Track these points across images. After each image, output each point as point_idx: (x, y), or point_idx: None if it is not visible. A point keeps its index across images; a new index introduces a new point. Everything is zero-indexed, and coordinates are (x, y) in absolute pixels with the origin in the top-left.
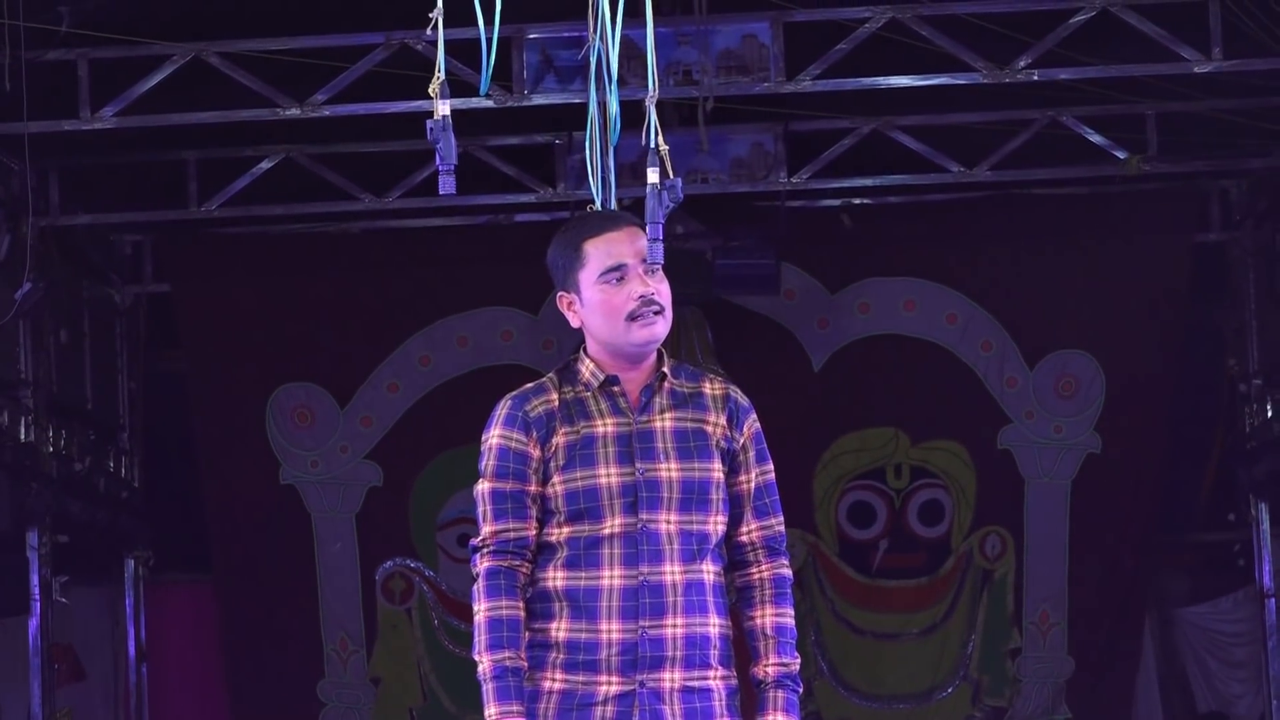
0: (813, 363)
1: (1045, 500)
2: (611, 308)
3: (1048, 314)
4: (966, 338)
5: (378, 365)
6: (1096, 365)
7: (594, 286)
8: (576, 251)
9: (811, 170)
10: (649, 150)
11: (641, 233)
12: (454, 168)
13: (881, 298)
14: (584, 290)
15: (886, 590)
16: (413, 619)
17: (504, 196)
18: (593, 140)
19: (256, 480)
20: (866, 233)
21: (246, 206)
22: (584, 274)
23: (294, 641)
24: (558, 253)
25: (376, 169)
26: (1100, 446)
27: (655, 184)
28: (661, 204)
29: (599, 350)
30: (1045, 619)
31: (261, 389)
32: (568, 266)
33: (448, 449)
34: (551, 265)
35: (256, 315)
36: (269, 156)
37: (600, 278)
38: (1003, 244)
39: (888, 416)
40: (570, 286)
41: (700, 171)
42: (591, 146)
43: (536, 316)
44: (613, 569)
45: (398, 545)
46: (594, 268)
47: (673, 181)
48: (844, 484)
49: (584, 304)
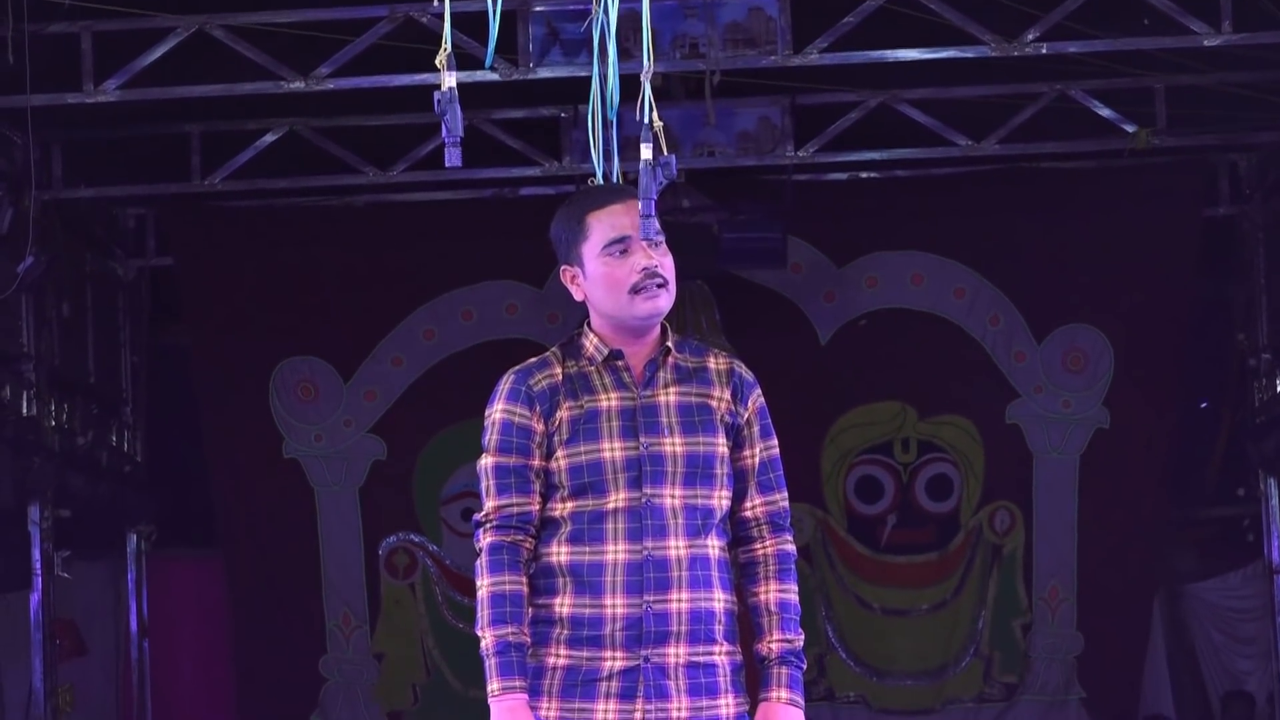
0: (819, 336)
1: (1054, 475)
2: (614, 280)
3: (1056, 288)
4: (974, 312)
5: (382, 339)
6: (1105, 339)
7: (597, 259)
8: (579, 224)
9: (818, 144)
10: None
11: None
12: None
13: (889, 271)
14: (587, 263)
15: (895, 566)
16: (416, 594)
17: (509, 170)
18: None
19: (259, 454)
20: (874, 206)
21: (250, 180)
22: (587, 247)
23: (297, 617)
24: (561, 226)
25: (381, 142)
26: (1109, 421)
27: (649, 160)
28: (655, 180)
29: (602, 324)
30: (1054, 595)
31: (265, 363)
32: (571, 240)
33: (452, 423)
34: (555, 239)
35: (260, 289)
36: (273, 130)
37: (603, 250)
38: (1011, 218)
39: (895, 391)
40: (573, 260)
41: (707, 145)
42: (594, 120)
43: (541, 290)
44: (617, 544)
45: (401, 520)
46: (597, 240)
47: (666, 158)
48: (852, 458)
49: (587, 277)
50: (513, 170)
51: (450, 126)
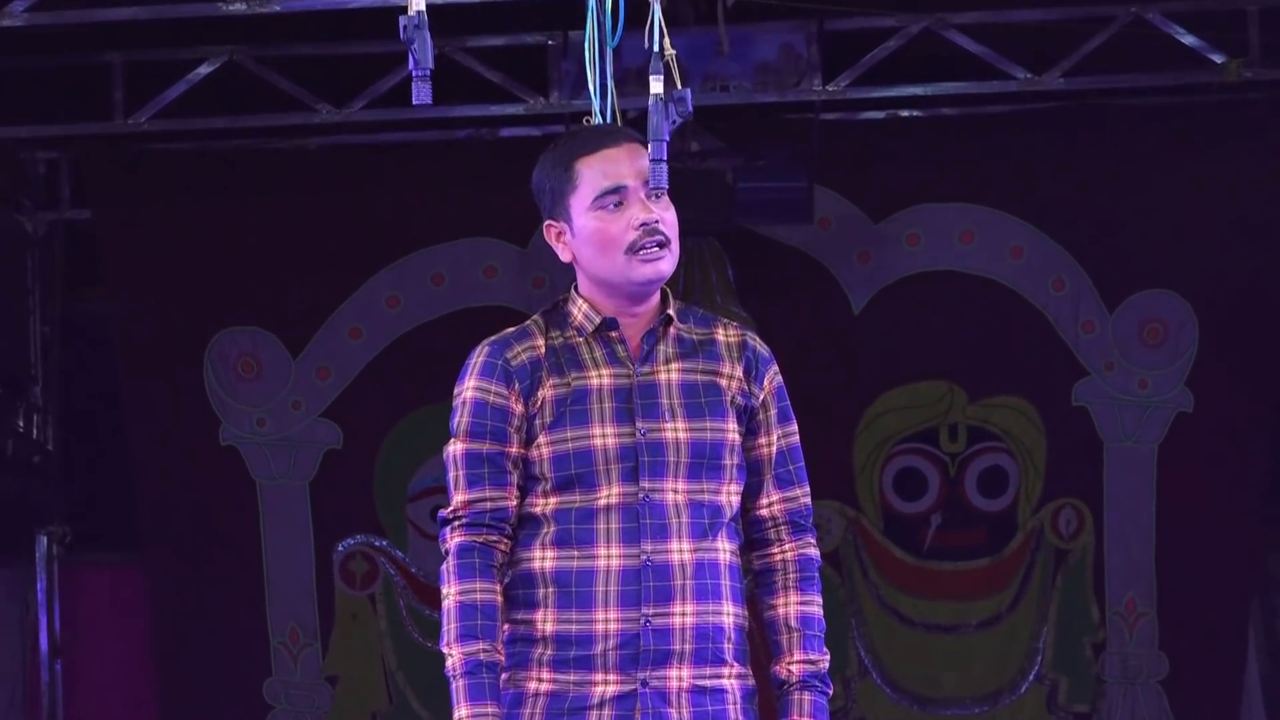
0: (852, 304)
1: (1128, 467)
2: (607, 237)
3: (1131, 247)
4: (1034, 274)
5: (337, 306)
6: (1189, 308)
7: (588, 213)
8: (567, 172)
9: (851, 77)
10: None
11: (644, 151)
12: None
13: (933, 227)
14: (576, 217)
15: (941, 574)
16: (376, 607)
17: (487, 107)
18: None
19: (193, 442)
20: (916, 151)
21: (182, 119)
22: (575, 198)
23: (236, 634)
24: (545, 174)
25: (336, 75)
26: (1193, 404)
27: (659, 95)
28: (667, 118)
29: (593, 289)
30: (1132, 608)
31: (199, 334)
32: (557, 190)
33: (420, 406)
34: (538, 189)
35: (194, 247)
36: (209, 59)
37: (595, 202)
38: (1077, 164)
39: (941, 368)
40: (559, 214)
41: (719, 78)
42: (590, 48)
43: (525, 249)
44: (609, 547)
45: (360, 520)
46: (588, 191)
47: (681, 92)
48: (889, 448)
49: (575, 234)
50: (491, 108)
51: (418, 56)
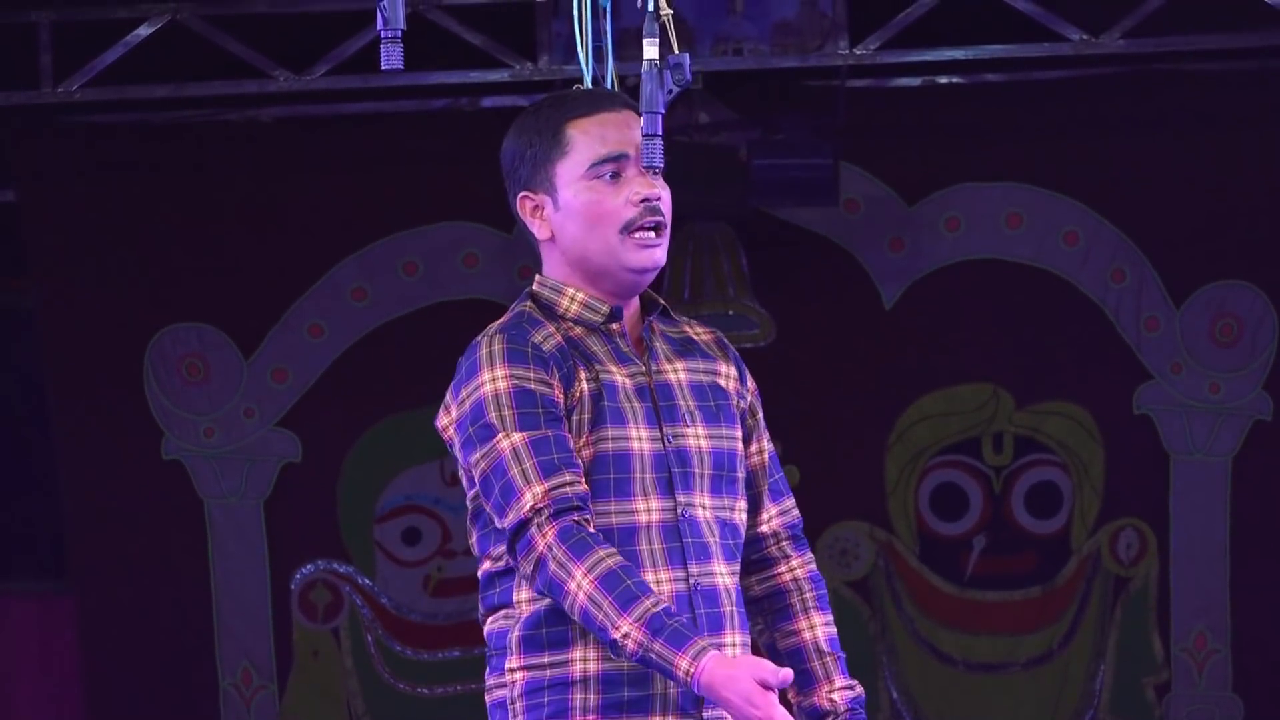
0: (884, 298)
1: (1198, 483)
2: (601, 212)
3: (1201, 233)
4: (1091, 264)
5: (295, 300)
6: (1267, 301)
7: (579, 182)
8: (555, 135)
9: (882, 38)
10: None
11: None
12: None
13: (976, 210)
14: (562, 188)
15: (984, 605)
16: (341, 642)
17: (467, 74)
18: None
19: (130, 455)
20: (956, 123)
21: (119, 87)
22: (564, 166)
23: (180, 675)
24: (526, 137)
25: (295, 37)
26: (1272, 411)
27: (654, 60)
28: (663, 87)
29: (570, 274)
30: (1201, 644)
31: (138, 331)
32: (540, 156)
33: (389, 414)
34: (512, 156)
35: (131, 233)
36: (150, 19)
37: (590, 170)
38: (1140, 138)
39: (984, 370)
40: (539, 184)
41: (732, 40)
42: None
43: (510, 236)
44: (657, 571)
45: (321, 543)
46: (580, 158)
47: (678, 57)
48: (926, 461)
49: (559, 207)
50: (472, 74)
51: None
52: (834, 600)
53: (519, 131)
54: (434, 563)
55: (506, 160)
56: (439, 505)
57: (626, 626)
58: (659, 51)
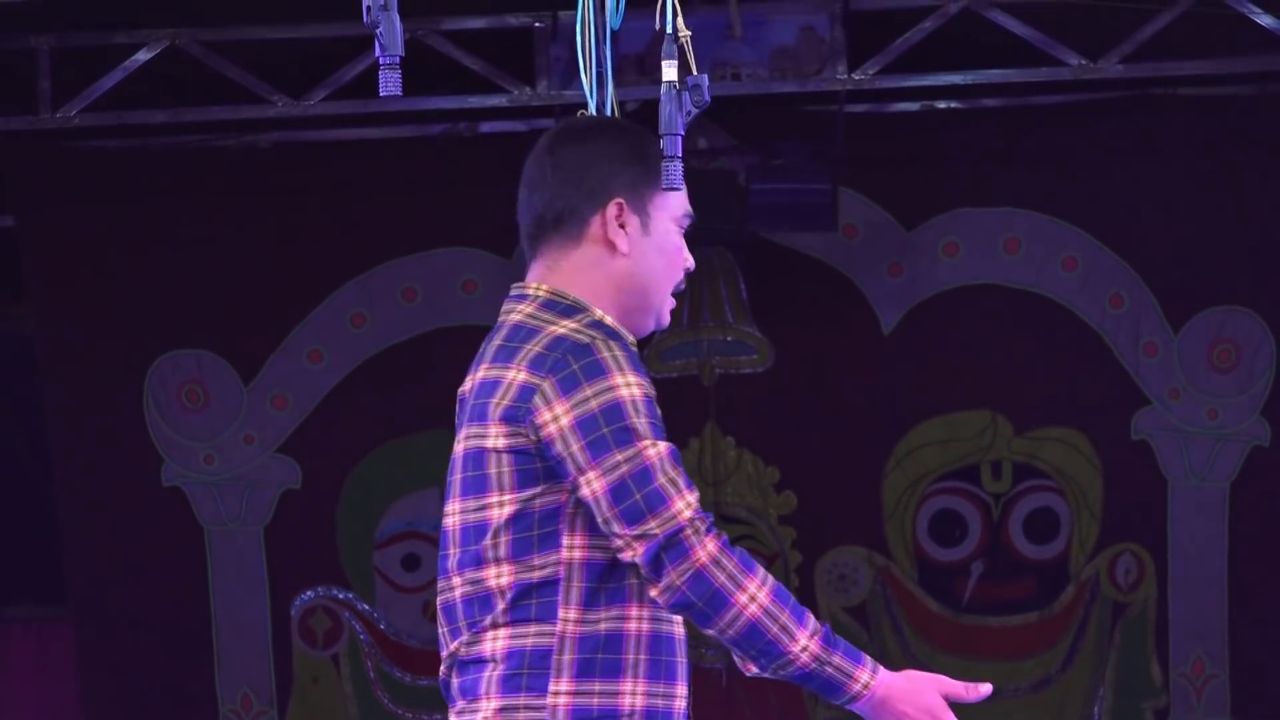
0: (882, 324)
1: (1196, 509)
2: (676, 262)
3: (1200, 258)
4: (1089, 289)
5: (295, 327)
6: (1265, 327)
7: (670, 223)
8: (654, 165)
9: (880, 63)
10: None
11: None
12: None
13: (975, 235)
14: (655, 216)
15: (983, 630)
16: (341, 668)
17: (466, 99)
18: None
19: (129, 481)
20: (955, 148)
21: (118, 112)
22: (663, 199)
23: (180, 702)
24: (626, 150)
25: (293, 62)
26: (1270, 437)
27: (673, 82)
28: (681, 109)
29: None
30: (1199, 669)
31: (138, 358)
32: (642, 178)
33: (389, 440)
34: (605, 160)
35: (130, 258)
36: (148, 44)
37: (680, 218)
38: (1138, 163)
39: (983, 396)
40: (636, 199)
41: (731, 65)
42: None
43: (509, 261)
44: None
45: (321, 569)
46: (677, 201)
47: (697, 79)
48: (925, 487)
49: (648, 233)
50: (470, 99)
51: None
52: (832, 625)
53: (615, 140)
54: (434, 589)
55: (593, 160)
56: (439, 531)
57: (804, 639)
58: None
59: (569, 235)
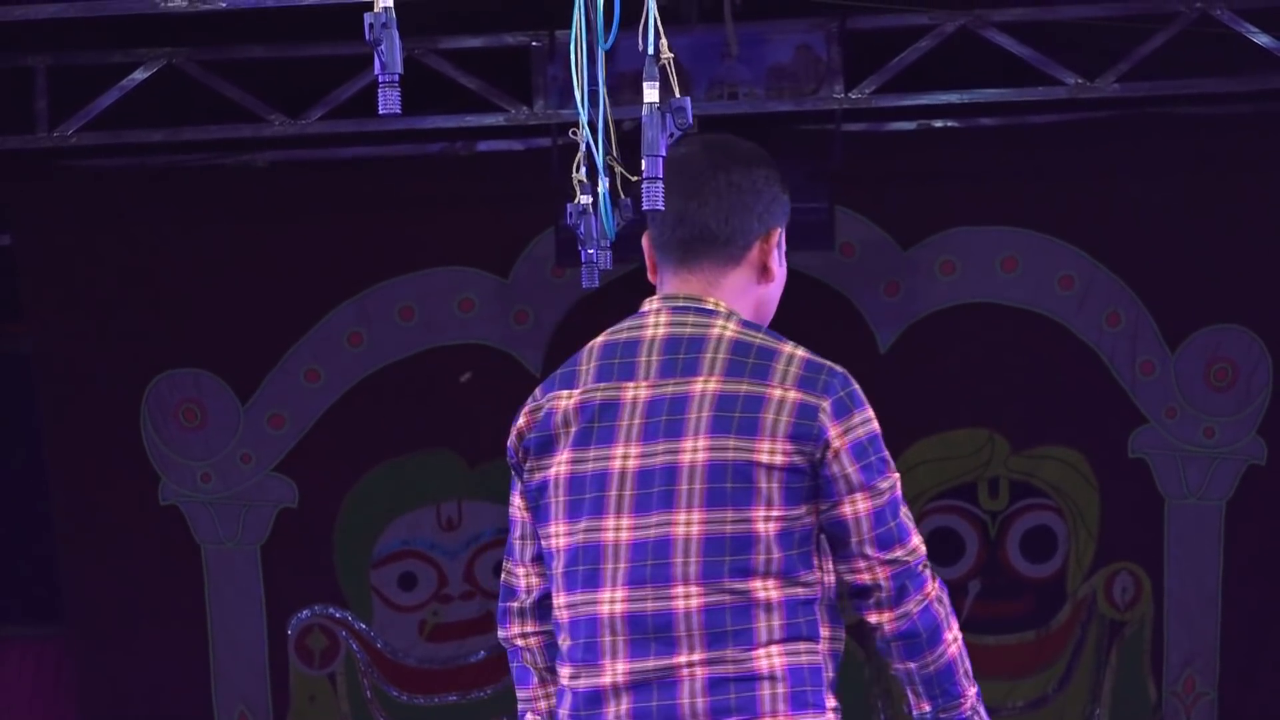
0: (879, 342)
1: (1192, 527)
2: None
3: (1196, 276)
4: (1086, 308)
5: (292, 346)
6: (1261, 346)
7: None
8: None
9: (877, 82)
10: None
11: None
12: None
13: (971, 254)
14: (783, 245)
15: (980, 649)
16: (337, 687)
17: (463, 118)
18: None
19: (126, 500)
20: (951, 167)
21: (115, 131)
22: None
23: (176, 718)
24: (783, 180)
25: (291, 81)
26: (1266, 455)
27: (654, 104)
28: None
29: None
30: (1190, 687)
31: (135, 377)
32: (788, 207)
33: (386, 459)
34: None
35: (128, 277)
36: (145, 64)
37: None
38: (1135, 182)
39: (980, 415)
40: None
41: (727, 84)
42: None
43: (506, 280)
44: None
45: (318, 588)
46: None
47: (680, 101)
48: (921, 505)
49: (781, 264)
50: (467, 118)
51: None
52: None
53: (773, 167)
54: (430, 608)
55: (765, 186)
56: (435, 550)
57: (973, 688)
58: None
59: (730, 255)
